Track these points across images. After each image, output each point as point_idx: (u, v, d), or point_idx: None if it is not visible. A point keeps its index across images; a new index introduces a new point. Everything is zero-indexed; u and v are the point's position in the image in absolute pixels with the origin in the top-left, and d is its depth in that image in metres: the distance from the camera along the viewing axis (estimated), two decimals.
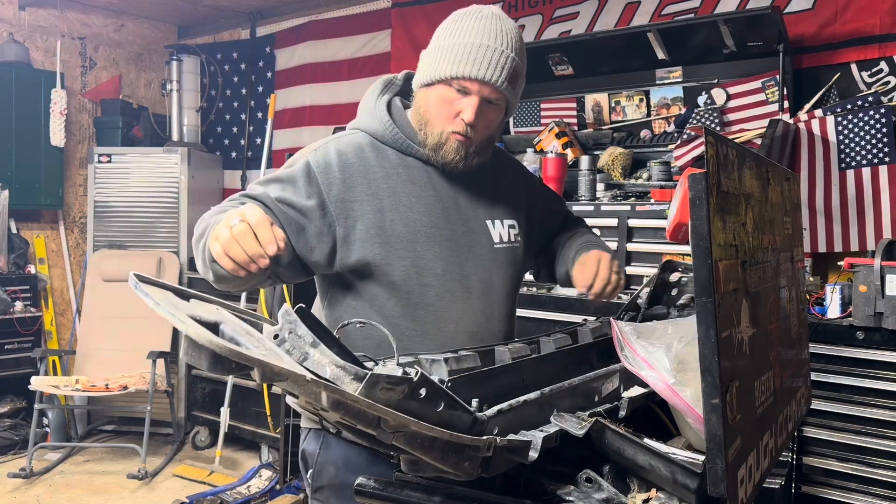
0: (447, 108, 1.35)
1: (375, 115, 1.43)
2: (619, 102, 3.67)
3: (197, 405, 4.61)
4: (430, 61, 1.36)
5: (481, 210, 1.47)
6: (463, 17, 1.36)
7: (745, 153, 1.02)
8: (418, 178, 1.41)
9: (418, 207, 1.38)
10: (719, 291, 0.83)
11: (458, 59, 1.31)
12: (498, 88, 1.33)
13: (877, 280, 2.31)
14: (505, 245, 1.49)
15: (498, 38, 1.32)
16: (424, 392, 0.79)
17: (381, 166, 1.39)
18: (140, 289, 0.74)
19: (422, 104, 1.39)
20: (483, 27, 1.32)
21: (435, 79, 1.34)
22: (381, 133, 1.42)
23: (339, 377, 0.75)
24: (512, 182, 1.58)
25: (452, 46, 1.33)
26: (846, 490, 2.41)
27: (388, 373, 0.76)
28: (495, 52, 1.31)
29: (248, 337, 0.75)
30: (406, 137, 1.41)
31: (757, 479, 0.97)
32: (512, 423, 0.94)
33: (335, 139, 1.42)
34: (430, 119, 1.37)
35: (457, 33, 1.33)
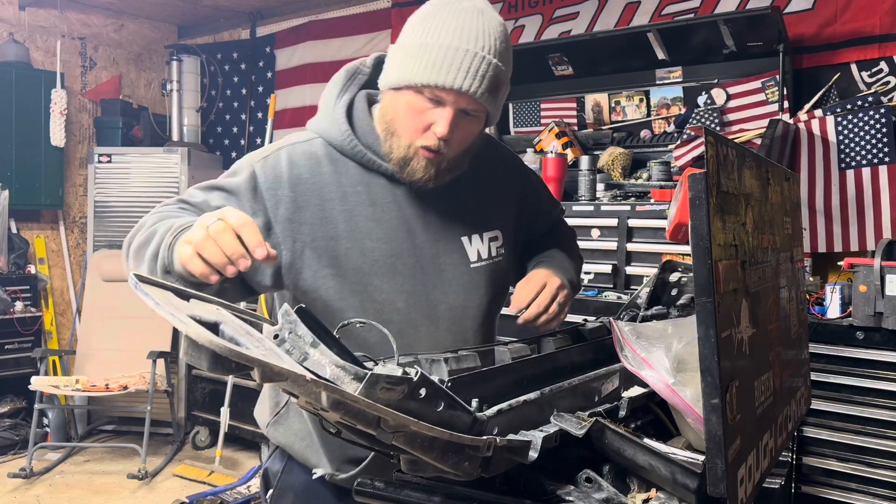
0: (417, 118, 1.16)
1: (334, 120, 1.25)
2: (619, 102, 3.67)
3: (197, 405, 4.61)
4: (399, 61, 1.17)
5: (456, 226, 1.29)
6: (440, 10, 1.16)
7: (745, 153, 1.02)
8: (381, 198, 1.24)
9: (377, 234, 1.22)
10: (719, 291, 0.83)
11: (432, 64, 1.12)
12: (476, 100, 1.14)
13: (877, 280, 2.31)
14: (484, 262, 1.32)
15: (479, 41, 1.13)
16: (424, 392, 0.79)
17: (337, 184, 1.22)
18: (140, 289, 0.74)
19: (388, 110, 1.21)
20: (462, 25, 1.13)
21: (404, 84, 1.15)
22: (339, 143, 1.24)
23: (339, 377, 0.75)
24: (498, 182, 1.39)
25: (425, 47, 1.13)
26: (846, 490, 2.42)
27: (387, 373, 0.76)
28: (475, 58, 1.12)
29: (248, 337, 0.75)
30: (368, 150, 1.23)
31: (757, 478, 0.97)
32: (512, 423, 0.94)
33: (288, 146, 1.25)
34: (396, 129, 1.19)
35: (431, 31, 1.14)
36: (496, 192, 1.37)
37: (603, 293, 2.99)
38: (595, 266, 3.07)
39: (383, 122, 1.22)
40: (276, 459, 1.38)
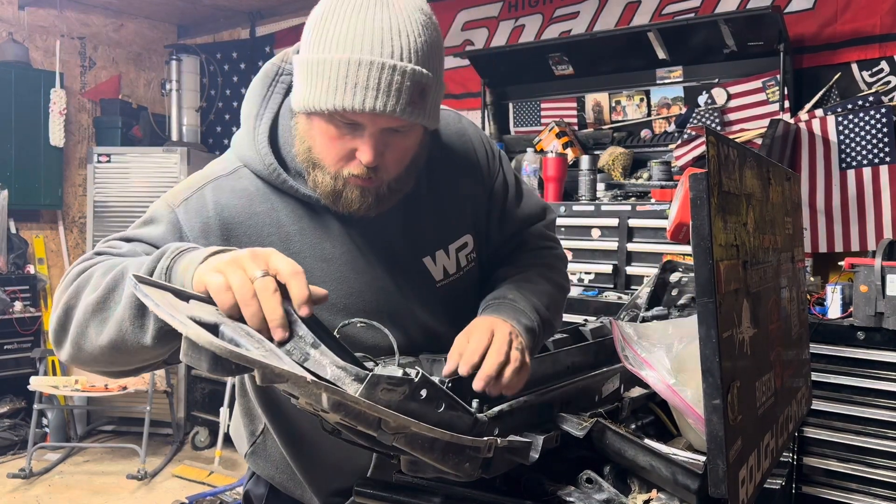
0: (336, 146, 0.98)
1: (256, 148, 1.05)
2: (619, 102, 3.67)
3: (196, 405, 4.61)
4: (302, 80, 0.96)
5: (416, 248, 1.14)
6: (335, 9, 0.94)
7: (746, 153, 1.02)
8: (328, 233, 1.07)
9: (330, 274, 1.06)
10: (720, 292, 0.83)
11: (335, 86, 0.92)
12: (398, 117, 0.94)
13: (877, 280, 2.31)
14: (453, 277, 1.17)
15: (385, 45, 0.91)
16: (425, 393, 0.79)
17: (276, 225, 1.05)
18: (139, 290, 0.73)
19: (305, 137, 1.01)
20: (363, 29, 0.91)
21: (307, 109, 0.96)
22: (266, 177, 1.05)
23: (340, 378, 0.75)
24: (461, 181, 1.20)
25: (324, 64, 0.92)
26: (846, 490, 2.41)
27: (388, 374, 0.76)
28: (384, 70, 0.91)
29: (247, 338, 0.75)
30: (301, 184, 1.05)
31: (758, 479, 0.96)
32: (513, 424, 0.94)
33: (213, 184, 1.05)
34: (317, 160, 1.01)
35: (329, 41, 0.92)
36: (459, 193, 1.19)
37: (603, 293, 2.98)
38: (595, 266, 3.07)
39: (303, 152, 1.02)
40: (259, 483, 1.31)
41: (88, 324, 0.89)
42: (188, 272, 0.82)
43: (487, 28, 4.17)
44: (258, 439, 1.28)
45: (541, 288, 1.17)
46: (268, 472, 1.28)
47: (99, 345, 0.88)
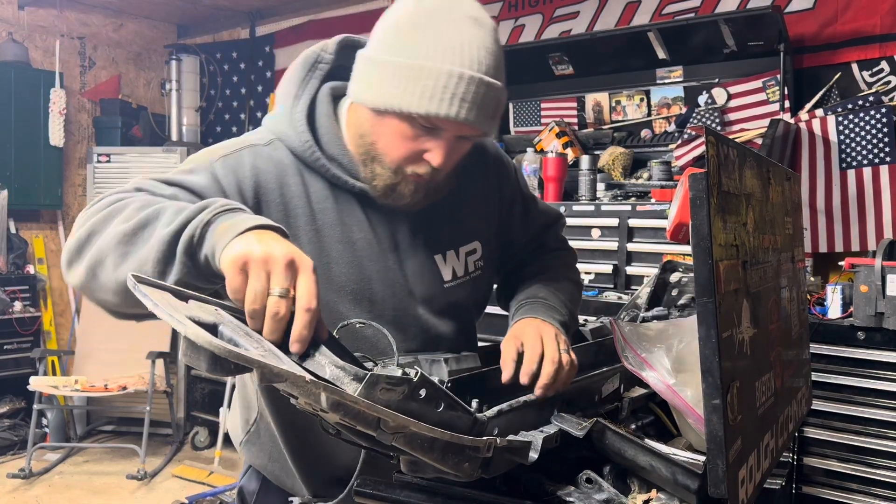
0: (409, 145, 1.03)
1: (293, 127, 1.09)
2: (619, 102, 3.67)
3: (196, 405, 4.61)
4: (383, 80, 1.00)
5: (430, 245, 1.17)
6: (429, 20, 0.99)
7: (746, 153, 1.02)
8: (350, 217, 1.11)
9: (346, 258, 1.10)
10: (720, 292, 0.82)
11: (427, 93, 0.97)
12: (477, 127, 1.01)
13: (878, 280, 2.31)
14: (460, 280, 1.20)
15: (477, 61, 0.98)
16: (424, 393, 0.79)
17: (304, 199, 1.08)
18: (138, 290, 0.73)
19: (368, 132, 1.05)
20: (459, 43, 0.97)
21: (392, 109, 1.00)
22: (300, 153, 1.09)
23: (339, 378, 0.75)
24: (476, 187, 1.25)
25: (416, 70, 0.97)
26: (847, 490, 2.41)
27: (387, 373, 0.76)
28: (476, 84, 0.98)
29: (247, 338, 0.75)
30: (332, 165, 1.09)
31: (758, 479, 0.96)
32: (512, 424, 0.94)
33: (251, 149, 1.08)
34: (380, 155, 1.05)
35: (423, 49, 0.97)
36: (474, 199, 1.24)
37: (603, 293, 2.98)
38: (595, 266, 3.07)
39: (359, 143, 1.07)
40: (252, 478, 1.31)
41: (110, 252, 0.88)
42: (223, 239, 0.80)
43: None
44: (252, 428, 1.28)
45: (564, 286, 1.26)
46: (260, 462, 1.28)
47: (115, 277, 0.87)
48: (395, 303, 1.14)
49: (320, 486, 1.19)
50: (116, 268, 0.87)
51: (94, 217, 0.93)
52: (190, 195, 0.99)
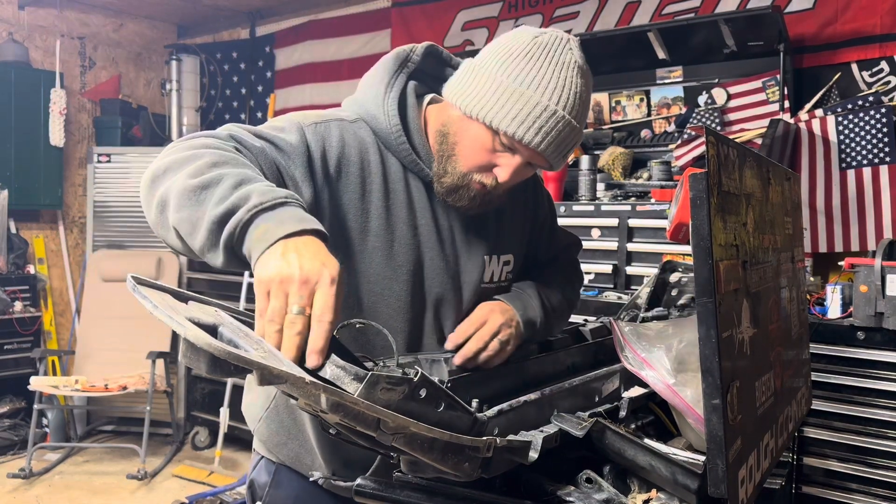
0: (483, 154, 1.13)
1: (384, 111, 1.17)
2: (619, 102, 3.67)
3: (196, 405, 4.61)
4: (481, 91, 1.10)
5: (481, 244, 1.26)
6: (542, 54, 1.09)
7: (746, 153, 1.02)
8: (418, 203, 1.19)
9: (409, 240, 1.17)
10: (720, 291, 0.82)
11: (520, 117, 1.07)
12: (550, 161, 1.14)
13: (877, 280, 2.31)
14: (493, 285, 1.28)
15: (574, 106, 1.10)
16: (425, 392, 0.79)
17: (381, 177, 1.16)
18: (138, 292, 0.73)
19: (452, 131, 1.15)
20: (560, 83, 1.08)
21: (485, 120, 1.09)
22: (385, 136, 1.17)
23: (339, 377, 0.75)
24: (517, 203, 1.35)
25: (516, 94, 1.08)
26: (846, 490, 2.41)
27: (388, 374, 0.76)
28: (566, 126, 1.10)
29: (246, 339, 0.75)
30: (413, 152, 1.18)
31: (757, 479, 0.96)
32: (512, 424, 0.94)
33: (339, 123, 1.16)
34: (457, 155, 1.14)
35: (527, 78, 1.08)
36: (514, 215, 1.34)
37: (603, 293, 2.98)
38: (595, 266, 3.07)
39: (440, 138, 1.16)
40: (263, 470, 1.32)
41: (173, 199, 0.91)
42: (257, 249, 0.83)
43: (487, 28, 4.17)
44: (271, 404, 1.28)
45: (552, 292, 1.33)
46: (279, 439, 1.27)
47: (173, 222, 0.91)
48: (441, 291, 1.21)
49: (340, 465, 1.19)
50: (176, 214, 0.91)
51: (176, 155, 0.96)
52: (277, 151, 1.06)
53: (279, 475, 1.29)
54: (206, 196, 0.88)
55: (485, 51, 1.15)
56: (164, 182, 0.94)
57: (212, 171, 0.91)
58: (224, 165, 0.92)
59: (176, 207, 0.90)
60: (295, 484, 1.27)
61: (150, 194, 0.96)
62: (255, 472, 1.34)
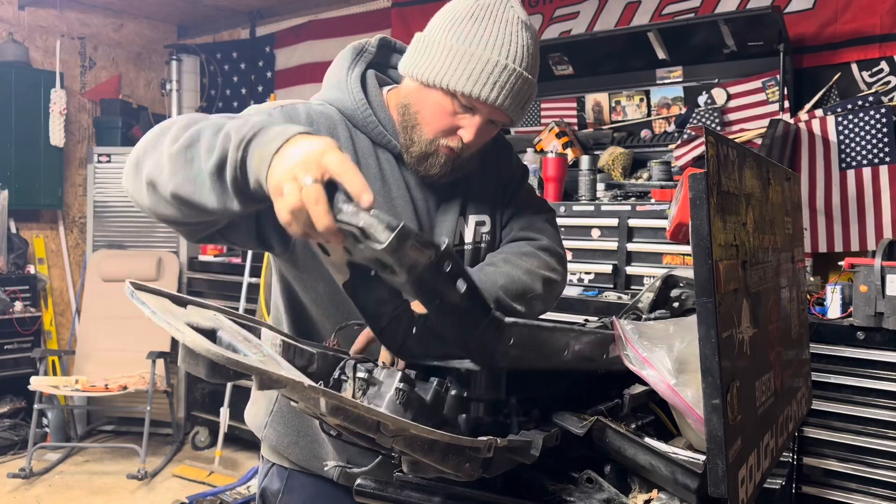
0: (445, 119, 1.16)
1: (347, 90, 1.22)
2: (619, 102, 3.67)
3: (196, 405, 4.61)
4: (435, 58, 1.14)
5: (452, 206, 1.29)
6: (485, 15, 1.15)
7: (746, 153, 1.02)
8: (389, 174, 1.23)
9: (387, 210, 1.20)
10: (720, 291, 0.83)
11: (473, 76, 1.12)
12: (509, 115, 1.17)
13: (877, 280, 2.31)
14: (468, 246, 1.30)
15: (522, 58, 1.14)
16: (450, 267, 0.79)
17: (352, 152, 1.19)
18: (136, 297, 0.73)
19: (413, 101, 1.19)
20: (507, 39, 1.14)
21: (439, 84, 1.13)
22: (351, 113, 1.22)
23: (372, 225, 0.73)
24: (490, 169, 1.36)
25: (468, 55, 1.12)
26: (846, 490, 2.41)
27: (417, 232, 0.75)
28: (518, 78, 1.14)
29: (245, 343, 0.75)
30: (380, 124, 1.22)
31: (758, 479, 0.96)
32: (527, 344, 0.93)
33: (304, 105, 1.21)
34: (420, 124, 1.18)
35: (477, 38, 1.13)
36: (485, 179, 1.35)
37: (603, 293, 2.98)
38: (595, 266, 3.07)
39: (402, 111, 1.20)
40: (274, 478, 1.31)
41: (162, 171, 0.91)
42: (261, 171, 0.83)
43: None
44: (275, 407, 1.28)
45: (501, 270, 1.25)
46: (289, 440, 1.27)
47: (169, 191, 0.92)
48: None
49: (355, 452, 1.18)
50: (172, 181, 0.91)
51: (147, 138, 0.98)
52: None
53: (292, 481, 1.29)
54: (193, 153, 0.89)
55: (432, 21, 1.19)
56: (146, 162, 0.94)
57: (188, 131, 0.91)
58: (196, 123, 0.92)
59: (170, 175, 0.90)
60: (308, 489, 1.27)
61: (136, 179, 0.96)
62: (266, 480, 1.33)
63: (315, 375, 0.89)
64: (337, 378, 0.88)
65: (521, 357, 0.92)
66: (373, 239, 0.72)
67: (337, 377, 0.88)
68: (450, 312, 0.80)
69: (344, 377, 0.86)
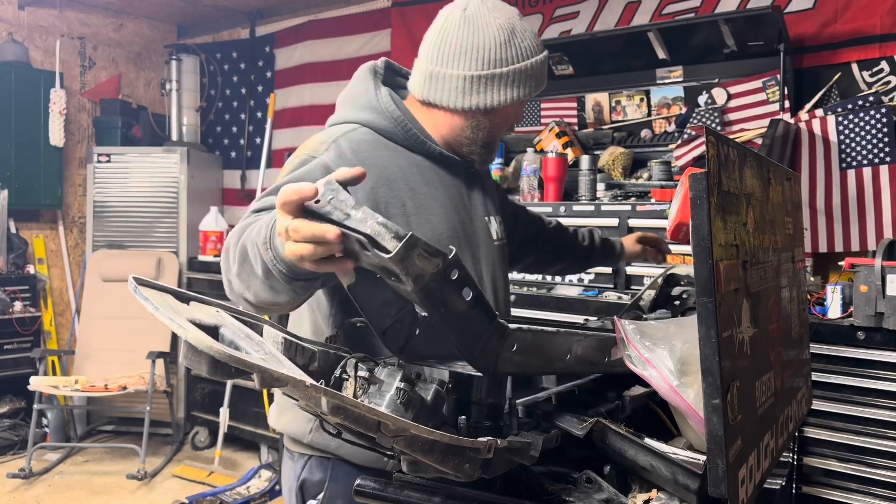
0: (511, 121, 1.39)
1: (382, 109, 1.33)
2: (619, 102, 3.67)
3: (196, 405, 4.61)
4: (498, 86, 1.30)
5: (480, 207, 1.43)
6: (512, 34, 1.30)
7: (746, 153, 1.02)
8: (431, 178, 1.34)
9: (436, 210, 1.32)
10: (720, 291, 0.82)
11: (533, 81, 1.32)
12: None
13: (877, 280, 2.31)
14: (501, 241, 1.48)
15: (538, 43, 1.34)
16: (457, 275, 0.80)
17: (397, 166, 1.30)
18: (139, 293, 0.73)
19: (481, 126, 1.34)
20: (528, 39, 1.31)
21: (519, 100, 1.33)
22: (389, 130, 1.32)
23: (380, 233, 0.74)
24: (490, 179, 1.58)
25: (530, 68, 1.31)
26: (847, 490, 2.41)
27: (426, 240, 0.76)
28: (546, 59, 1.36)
29: (247, 340, 0.75)
30: (419, 134, 1.34)
31: (758, 479, 0.96)
32: (530, 350, 0.94)
33: (342, 135, 1.30)
34: (495, 139, 1.38)
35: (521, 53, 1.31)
36: (492, 187, 1.54)
37: (603, 293, 2.98)
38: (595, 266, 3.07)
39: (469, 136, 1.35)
40: (315, 469, 1.34)
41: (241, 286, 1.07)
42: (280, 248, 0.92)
43: None
44: None
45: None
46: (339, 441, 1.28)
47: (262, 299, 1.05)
48: (472, 252, 1.38)
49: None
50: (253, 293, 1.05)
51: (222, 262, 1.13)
52: None
53: (336, 470, 1.31)
54: (248, 268, 1.03)
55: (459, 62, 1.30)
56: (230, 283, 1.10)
57: (238, 249, 1.05)
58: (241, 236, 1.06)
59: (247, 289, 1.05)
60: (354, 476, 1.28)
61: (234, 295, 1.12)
62: (304, 472, 1.35)
63: (316, 374, 0.89)
64: (338, 377, 0.88)
65: (523, 362, 0.93)
66: (380, 247, 0.72)
67: (338, 376, 0.88)
68: (454, 320, 0.80)
69: (345, 376, 0.86)
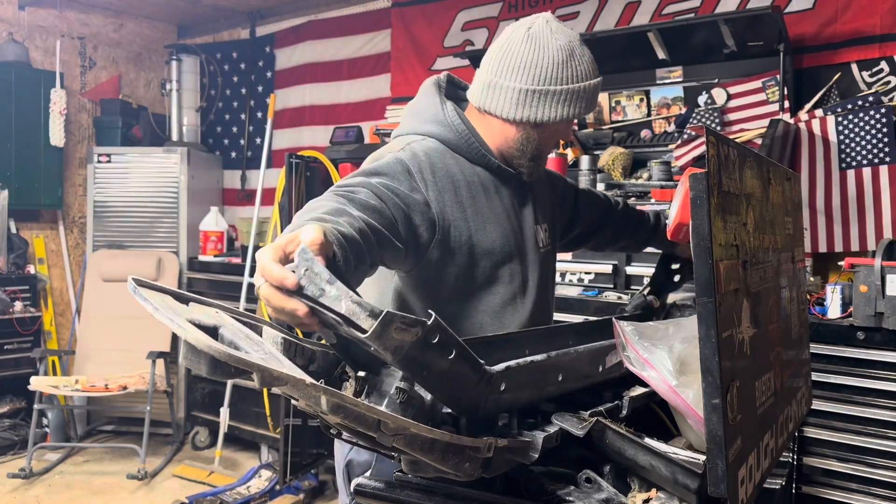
0: (559, 138, 1.46)
1: (448, 123, 1.42)
2: (619, 102, 3.67)
3: (196, 405, 4.61)
4: (556, 103, 1.37)
5: (530, 217, 1.50)
6: (571, 55, 1.37)
7: (746, 153, 1.02)
8: (488, 188, 1.43)
9: (492, 218, 1.40)
10: (720, 291, 0.83)
11: (584, 102, 1.39)
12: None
13: (877, 280, 2.31)
14: (547, 248, 1.54)
15: (595, 68, 1.41)
16: (438, 338, 0.79)
17: (461, 175, 1.39)
18: (139, 293, 0.73)
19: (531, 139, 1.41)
20: (585, 63, 1.38)
21: (567, 119, 1.39)
22: (454, 142, 1.41)
23: (355, 313, 0.73)
24: (546, 184, 1.62)
25: (583, 90, 1.38)
26: (846, 490, 2.41)
27: (402, 314, 0.75)
28: (598, 85, 1.43)
29: (247, 341, 0.75)
30: (481, 148, 1.42)
31: (757, 479, 0.96)
32: (519, 382, 0.94)
33: (416, 142, 1.39)
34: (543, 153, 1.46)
35: (578, 75, 1.37)
36: (541, 193, 1.59)
37: (603, 293, 2.98)
38: (595, 266, 3.07)
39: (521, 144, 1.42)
40: (362, 451, 1.39)
41: None
42: None
43: (487, 28, 4.17)
44: None
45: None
46: None
47: None
48: (521, 258, 1.46)
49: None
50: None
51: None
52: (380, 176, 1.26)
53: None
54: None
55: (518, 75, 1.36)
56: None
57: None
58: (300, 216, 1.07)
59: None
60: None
61: None
62: (352, 452, 1.42)
63: (316, 374, 0.89)
64: (338, 376, 0.88)
65: (513, 399, 0.92)
66: (356, 327, 0.71)
67: (338, 375, 0.88)
68: (438, 379, 0.80)
69: (345, 376, 0.86)
